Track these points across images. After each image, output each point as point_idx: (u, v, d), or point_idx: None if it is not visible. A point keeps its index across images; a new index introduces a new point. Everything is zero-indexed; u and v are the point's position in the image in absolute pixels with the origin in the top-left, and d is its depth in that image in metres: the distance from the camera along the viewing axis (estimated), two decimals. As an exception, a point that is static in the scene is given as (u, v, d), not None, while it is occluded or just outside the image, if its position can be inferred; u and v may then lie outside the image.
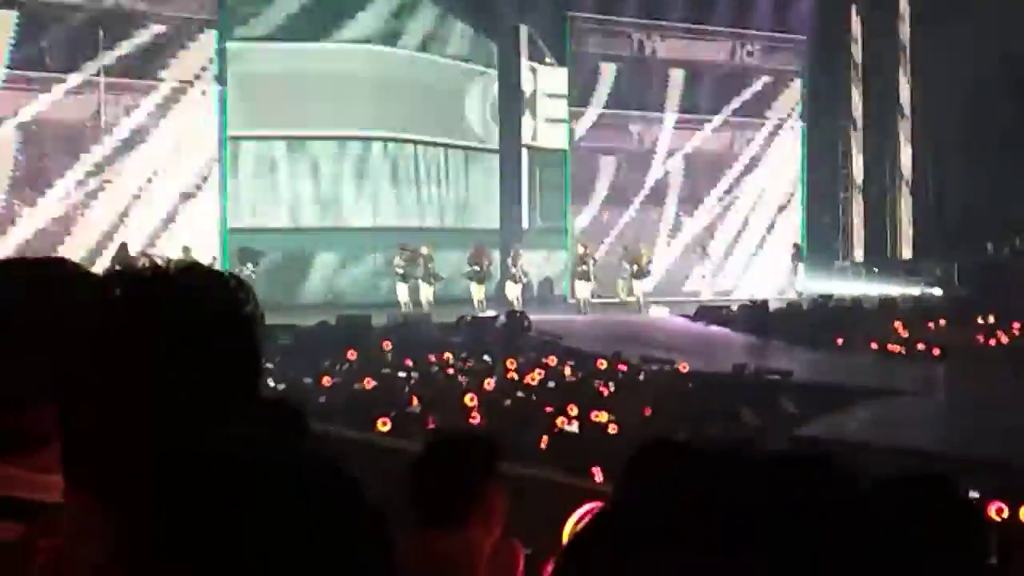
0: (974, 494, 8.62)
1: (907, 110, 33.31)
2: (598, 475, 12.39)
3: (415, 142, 27.86)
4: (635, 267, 28.07)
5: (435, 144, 28.25)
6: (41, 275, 1.67)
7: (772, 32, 32.46)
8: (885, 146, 33.73)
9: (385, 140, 27.46)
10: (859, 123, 33.96)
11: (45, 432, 1.45)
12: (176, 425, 1.28)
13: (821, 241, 32.80)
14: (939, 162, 31.33)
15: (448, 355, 19.23)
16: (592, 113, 30.39)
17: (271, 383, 16.11)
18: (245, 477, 0.99)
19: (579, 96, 30.29)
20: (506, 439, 13.02)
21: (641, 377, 18.51)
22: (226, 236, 25.03)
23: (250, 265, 23.61)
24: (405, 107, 27.14)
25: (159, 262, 1.38)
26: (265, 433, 1.11)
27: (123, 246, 22.90)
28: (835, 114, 33.72)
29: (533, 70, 30.13)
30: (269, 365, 16.80)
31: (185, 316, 1.34)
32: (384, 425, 13.58)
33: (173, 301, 1.34)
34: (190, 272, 1.39)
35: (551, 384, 17.43)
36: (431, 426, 14.01)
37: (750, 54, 32.78)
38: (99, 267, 18.67)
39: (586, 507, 4.02)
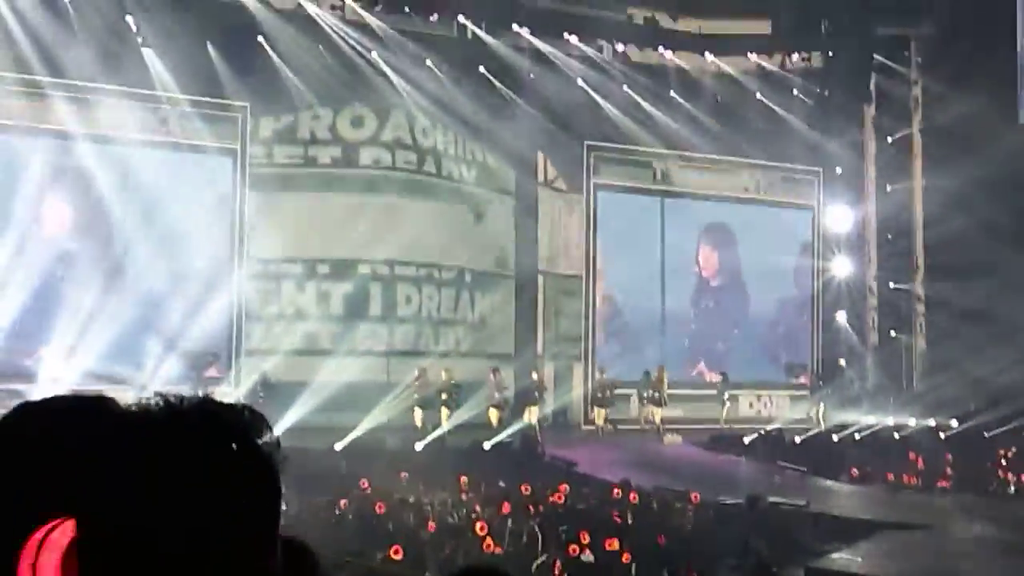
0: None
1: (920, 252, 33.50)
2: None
3: (432, 266, 28.05)
4: (654, 393, 28.06)
5: (451, 268, 28.43)
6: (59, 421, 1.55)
7: (789, 164, 32.90)
8: (899, 279, 33.86)
9: (402, 264, 27.65)
10: (874, 258, 34.16)
11: None
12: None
13: (835, 371, 32.75)
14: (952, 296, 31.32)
15: (463, 480, 19.16)
16: (605, 239, 30.71)
17: (283, 507, 16.03)
18: None
19: (595, 223, 30.66)
20: (519, 567, 12.99)
21: (655, 506, 18.41)
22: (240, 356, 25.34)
23: (261, 391, 23.72)
24: (422, 231, 27.40)
25: (172, 400, 1.35)
26: None
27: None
28: (852, 248, 33.95)
29: (551, 197, 30.47)
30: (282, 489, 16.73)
31: (202, 457, 1.31)
32: (396, 554, 13.50)
33: (188, 443, 1.32)
34: (203, 408, 1.36)
35: (564, 511, 17.35)
36: (446, 553, 13.95)
37: (768, 183, 33.22)
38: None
39: None
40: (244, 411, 1.39)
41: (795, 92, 32.26)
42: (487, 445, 23.22)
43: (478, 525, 15.38)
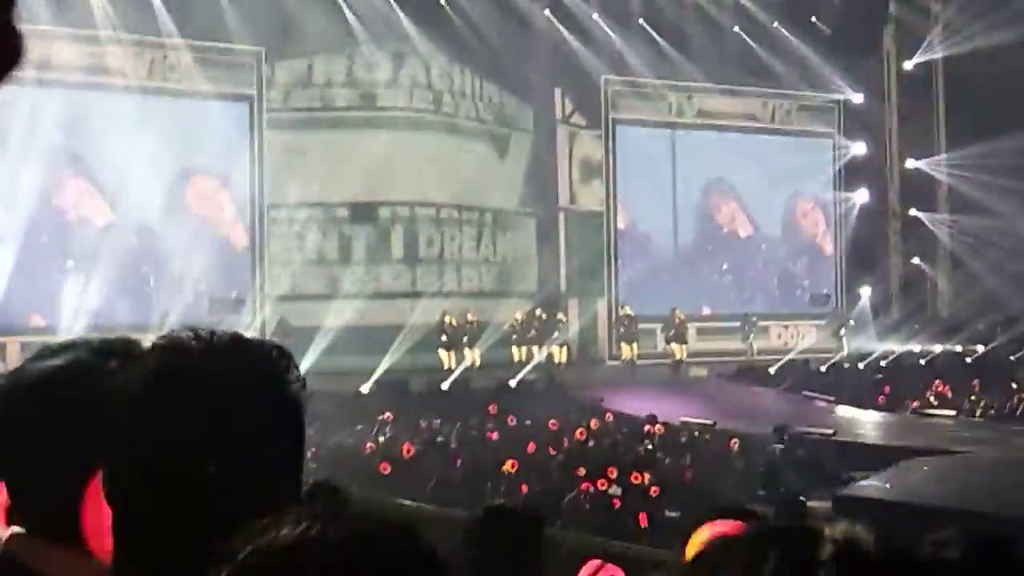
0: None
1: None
2: (643, 520, 12.48)
3: (452, 206, 28.00)
4: (672, 329, 28.02)
5: (472, 208, 28.40)
6: (88, 361, 1.67)
7: (809, 93, 32.60)
8: (922, 206, 33.65)
9: (422, 205, 27.62)
10: (896, 186, 33.97)
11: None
12: (227, 510, 1.28)
13: (859, 300, 32.66)
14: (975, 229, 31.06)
15: (490, 419, 19.26)
16: (625, 174, 30.58)
17: (311, 450, 16.14)
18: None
19: (614, 158, 30.53)
20: (548, 502, 13.05)
21: (682, 439, 18.46)
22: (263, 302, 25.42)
23: (283, 335, 23.82)
24: (442, 172, 27.35)
25: (203, 335, 1.38)
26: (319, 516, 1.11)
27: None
28: (871, 178, 33.70)
29: (570, 133, 30.33)
30: (310, 431, 16.83)
31: (230, 392, 1.35)
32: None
33: (217, 377, 1.35)
34: (234, 344, 1.39)
35: (591, 446, 17.41)
36: (475, 492, 13.99)
37: (787, 113, 32.99)
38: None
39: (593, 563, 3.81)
40: (272, 349, 1.41)
41: (813, 19, 31.90)
42: (513, 383, 23.30)
43: (507, 463, 15.46)
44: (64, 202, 24.21)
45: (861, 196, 33.60)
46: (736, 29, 31.02)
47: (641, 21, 29.89)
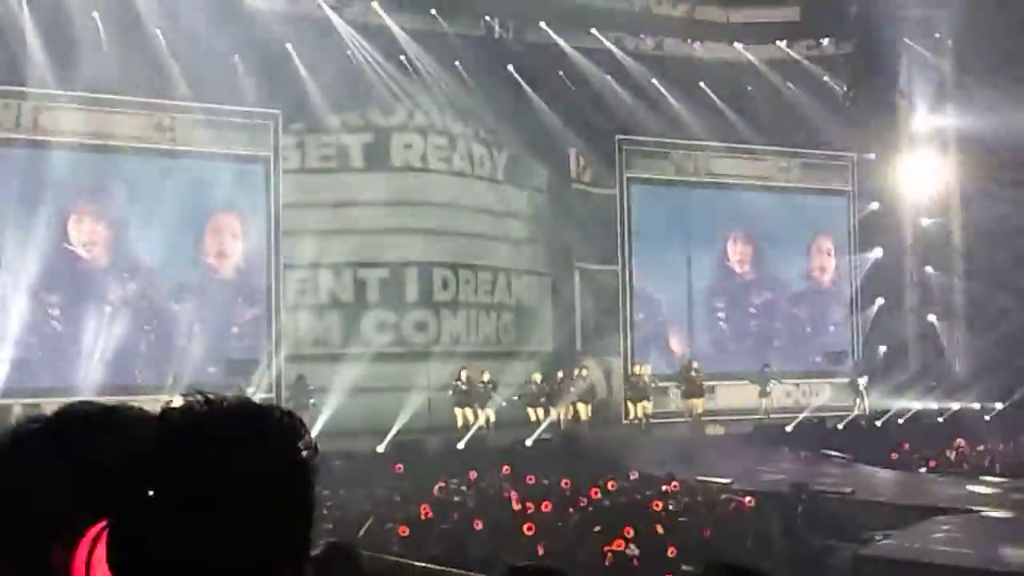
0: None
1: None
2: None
3: (469, 267, 28.07)
4: (687, 384, 27.94)
5: (486, 268, 28.46)
6: (100, 422, 1.62)
7: (822, 151, 32.71)
8: (937, 263, 33.64)
9: (439, 265, 27.70)
10: (911, 242, 33.98)
11: None
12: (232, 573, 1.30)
13: (876, 357, 32.57)
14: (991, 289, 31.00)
15: (507, 478, 19.18)
16: (639, 232, 30.67)
17: (325, 510, 16.08)
18: None
19: (628, 217, 30.63)
20: (565, 562, 12.99)
21: (699, 498, 18.35)
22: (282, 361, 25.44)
23: (310, 399, 23.77)
24: (458, 232, 27.46)
25: (213, 399, 1.38)
26: None
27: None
28: (886, 235, 33.70)
29: (583, 191, 30.43)
30: (326, 492, 16.82)
31: (236, 459, 1.33)
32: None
33: (223, 443, 1.34)
34: (244, 409, 1.38)
35: (608, 506, 17.33)
36: (493, 551, 13.93)
37: (802, 171, 33.07)
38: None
39: None
40: (284, 417, 1.40)
41: (826, 78, 32.09)
42: (529, 442, 23.23)
43: (524, 522, 15.40)
44: (76, 251, 24.30)
45: (876, 252, 33.62)
46: (749, 88, 31.21)
47: (654, 81, 30.10)
